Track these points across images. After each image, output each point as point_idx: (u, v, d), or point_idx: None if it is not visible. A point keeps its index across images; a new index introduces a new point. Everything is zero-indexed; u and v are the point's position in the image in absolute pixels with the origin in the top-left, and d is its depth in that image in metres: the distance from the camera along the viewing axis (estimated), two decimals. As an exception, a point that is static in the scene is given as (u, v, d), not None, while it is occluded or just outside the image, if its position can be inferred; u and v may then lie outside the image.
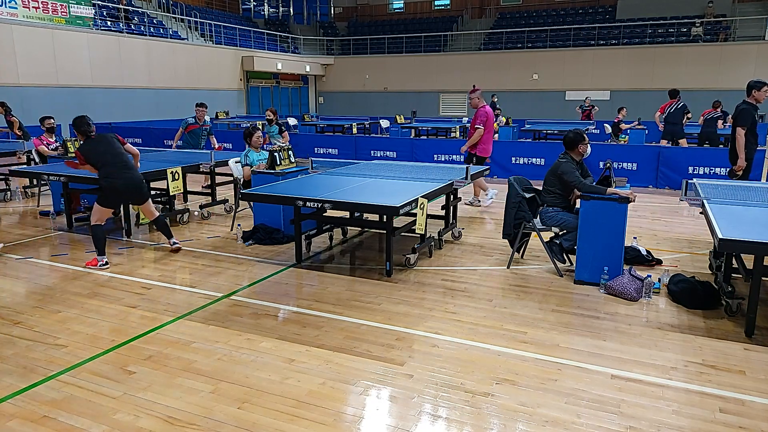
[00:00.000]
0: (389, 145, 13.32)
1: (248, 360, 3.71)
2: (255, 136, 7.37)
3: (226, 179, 8.50)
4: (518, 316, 4.45)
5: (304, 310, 4.57)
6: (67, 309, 4.59)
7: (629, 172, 10.62)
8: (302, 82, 28.97)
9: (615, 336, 4.08)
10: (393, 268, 5.50)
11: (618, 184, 5.31)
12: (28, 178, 9.48)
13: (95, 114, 17.52)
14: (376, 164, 7.41)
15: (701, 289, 4.67)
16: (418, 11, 31.62)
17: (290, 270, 5.64)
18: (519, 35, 25.97)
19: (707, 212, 4.61)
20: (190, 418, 3.05)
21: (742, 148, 6.69)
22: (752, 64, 21.08)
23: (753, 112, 6.73)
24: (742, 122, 6.69)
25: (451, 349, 3.88)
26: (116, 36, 18.76)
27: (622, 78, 23.02)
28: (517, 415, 3.08)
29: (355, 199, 5.32)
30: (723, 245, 3.84)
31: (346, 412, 3.12)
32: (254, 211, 6.95)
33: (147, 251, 6.32)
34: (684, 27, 23.31)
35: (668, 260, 5.94)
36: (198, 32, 24.05)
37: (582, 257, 5.11)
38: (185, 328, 4.21)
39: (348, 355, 3.78)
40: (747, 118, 6.68)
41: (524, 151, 11.74)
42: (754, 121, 6.75)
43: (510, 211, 5.59)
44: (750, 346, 3.93)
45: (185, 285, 5.20)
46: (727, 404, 3.20)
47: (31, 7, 15.78)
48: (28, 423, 3.01)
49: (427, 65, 26.45)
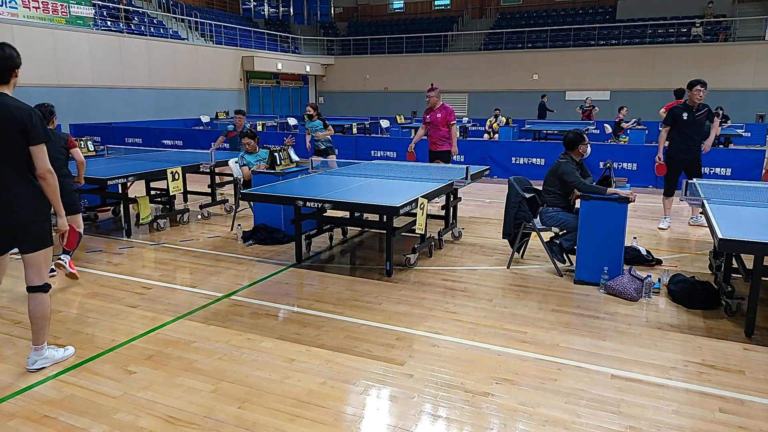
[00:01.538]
0: (389, 145, 13.32)
1: (248, 360, 3.71)
2: (243, 141, 7.36)
3: (227, 179, 8.51)
4: (518, 315, 4.46)
5: (304, 310, 4.57)
6: (67, 309, 4.60)
7: (629, 172, 10.63)
8: (302, 82, 28.97)
9: (615, 336, 4.09)
10: (393, 268, 5.50)
11: (618, 184, 5.31)
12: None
13: (96, 114, 17.65)
14: (376, 164, 7.41)
15: (701, 289, 4.67)
16: (419, 11, 31.63)
17: (290, 270, 5.64)
18: (519, 35, 25.97)
19: (707, 212, 4.62)
20: (190, 417, 3.06)
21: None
22: (752, 64, 21.09)
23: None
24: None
25: (451, 348, 3.88)
26: (116, 36, 18.77)
27: (622, 78, 23.02)
28: (517, 415, 3.08)
29: (355, 199, 5.32)
30: (723, 245, 3.85)
31: (346, 411, 3.12)
32: (254, 211, 6.96)
33: (147, 251, 6.32)
34: (684, 27, 23.31)
35: (668, 260, 5.94)
36: (198, 32, 24.06)
37: (582, 257, 5.12)
38: (185, 328, 4.22)
39: (348, 354, 3.79)
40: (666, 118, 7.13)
41: (524, 151, 11.75)
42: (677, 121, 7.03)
43: (510, 211, 5.60)
44: (750, 346, 3.94)
45: (185, 285, 5.20)
46: (727, 404, 3.20)
47: (32, 7, 15.78)
48: (29, 423, 3.02)
49: (427, 65, 26.44)
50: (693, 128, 6.98)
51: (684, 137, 7.00)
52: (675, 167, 7.11)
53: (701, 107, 6.99)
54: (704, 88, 6.90)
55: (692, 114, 6.95)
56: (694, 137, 7.01)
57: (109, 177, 6.42)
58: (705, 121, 7.17)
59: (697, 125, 7.01)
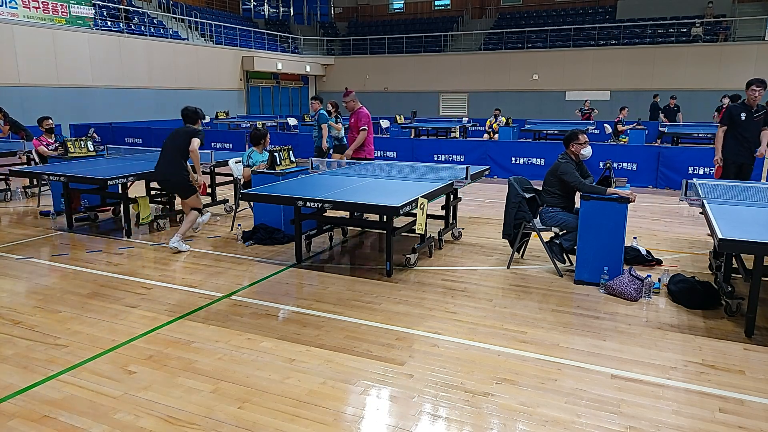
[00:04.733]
0: (389, 145, 13.32)
1: (248, 360, 3.71)
2: (267, 138, 7.35)
3: (226, 179, 8.51)
4: (518, 315, 4.46)
5: (304, 310, 4.57)
6: (67, 309, 4.60)
7: (629, 172, 10.63)
8: (302, 82, 28.97)
9: (615, 336, 4.09)
10: (393, 268, 5.50)
11: (618, 184, 5.31)
12: (29, 178, 9.48)
13: (96, 114, 17.67)
14: (376, 164, 7.41)
15: (701, 289, 4.67)
16: (419, 11, 31.63)
17: (290, 270, 5.64)
18: (519, 35, 25.98)
19: (707, 212, 4.62)
20: (190, 417, 3.06)
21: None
22: (752, 64, 21.08)
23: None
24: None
25: (451, 348, 3.88)
26: (116, 36, 18.77)
27: (622, 78, 23.03)
28: (517, 415, 3.08)
29: (355, 199, 5.32)
30: (723, 245, 3.84)
31: (346, 411, 3.12)
32: (254, 211, 6.96)
33: (147, 251, 6.32)
34: (684, 27, 23.31)
35: (668, 260, 5.94)
36: (198, 32, 24.06)
37: (582, 257, 5.12)
38: (185, 328, 4.22)
39: (348, 354, 3.79)
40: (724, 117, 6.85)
41: (524, 151, 11.75)
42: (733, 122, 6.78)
43: (510, 211, 5.60)
44: (750, 346, 3.94)
45: (185, 285, 5.20)
46: (727, 404, 3.20)
47: (32, 7, 15.78)
48: (29, 423, 3.02)
49: (427, 65, 26.46)
50: (749, 130, 6.67)
51: (739, 139, 6.72)
52: (727, 170, 6.84)
53: (760, 108, 6.66)
54: (761, 87, 6.53)
55: (750, 114, 6.64)
56: (750, 139, 6.70)
57: (109, 177, 6.42)
58: (763, 123, 6.78)
59: (754, 127, 6.68)
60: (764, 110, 6.72)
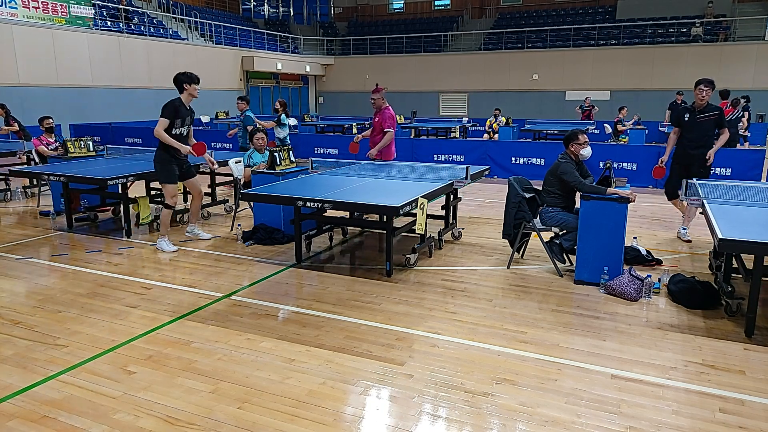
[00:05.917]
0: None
1: (248, 360, 3.71)
2: (255, 137, 7.39)
3: (226, 179, 8.51)
4: (518, 315, 4.46)
5: (304, 310, 4.57)
6: (67, 309, 4.59)
7: (629, 172, 10.63)
8: (302, 82, 28.97)
9: (615, 336, 4.09)
10: (393, 268, 5.50)
11: (618, 184, 5.31)
12: (28, 178, 9.48)
13: (95, 114, 17.66)
14: (376, 164, 7.40)
15: (701, 289, 4.67)
16: (418, 11, 31.63)
17: (290, 270, 5.64)
18: (519, 35, 25.98)
19: (707, 212, 4.61)
20: (190, 417, 3.05)
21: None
22: (752, 64, 21.10)
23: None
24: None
25: (451, 349, 3.88)
26: (116, 36, 18.77)
27: (622, 78, 23.04)
28: (517, 415, 3.08)
29: (355, 199, 5.32)
30: (723, 245, 3.84)
31: (346, 412, 3.12)
32: (254, 211, 6.95)
33: (147, 251, 6.32)
34: (684, 27, 23.32)
35: (668, 260, 5.94)
36: (198, 32, 24.05)
37: (582, 257, 5.11)
38: (185, 328, 4.21)
39: (348, 355, 3.78)
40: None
41: (524, 151, 11.75)
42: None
43: (510, 211, 5.60)
44: (750, 346, 3.93)
45: (185, 285, 5.20)
46: (727, 404, 3.20)
47: (31, 7, 15.78)
48: (28, 423, 3.01)
49: (427, 65, 26.46)
50: (694, 132, 6.39)
51: (683, 140, 6.49)
52: (672, 170, 6.62)
53: (710, 108, 6.37)
54: (708, 87, 6.25)
55: (694, 115, 6.40)
56: (695, 140, 6.39)
57: (109, 177, 6.42)
58: (712, 126, 6.42)
59: (698, 128, 6.37)
60: (717, 111, 6.40)
